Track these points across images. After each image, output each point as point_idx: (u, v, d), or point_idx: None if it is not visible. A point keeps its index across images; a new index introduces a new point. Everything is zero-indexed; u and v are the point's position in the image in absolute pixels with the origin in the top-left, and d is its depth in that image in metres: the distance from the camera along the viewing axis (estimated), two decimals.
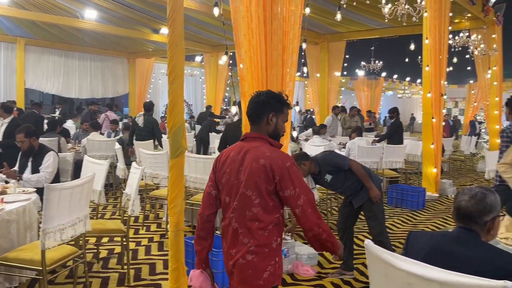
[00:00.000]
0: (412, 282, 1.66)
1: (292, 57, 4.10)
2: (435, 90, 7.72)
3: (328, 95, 13.22)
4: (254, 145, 2.11)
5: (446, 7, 7.63)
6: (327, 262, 4.53)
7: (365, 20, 10.49)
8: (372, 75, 21.01)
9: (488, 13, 9.73)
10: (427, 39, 7.48)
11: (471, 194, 1.87)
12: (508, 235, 2.73)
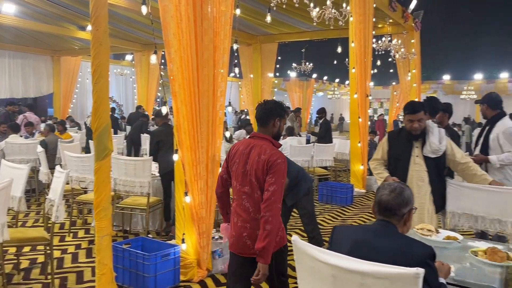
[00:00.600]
0: (336, 274, 1.74)
1: (223, 57, 4.09)
2: (361, 91, 8.11)
3: (262, 95, 13.39)
4: (259, 143, 2.63)
5: (370, 13, 8.05)
6: None
7: (295, 22, 10.76)
8: (303, 77, 21.62)
9: (407, 19, 10.42)
10: (353, 43, 7.86)
11: (391, 188, 2.01)
12: (424, 226, 2.95)
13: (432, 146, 3.50)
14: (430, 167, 3.53)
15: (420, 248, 1.82)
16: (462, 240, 2.84)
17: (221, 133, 4.13)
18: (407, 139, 3.60)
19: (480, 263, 2.47)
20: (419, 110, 3.51)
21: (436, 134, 3.54)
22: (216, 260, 4.18)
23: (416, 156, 3.57)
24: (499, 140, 4.21)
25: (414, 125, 3.49)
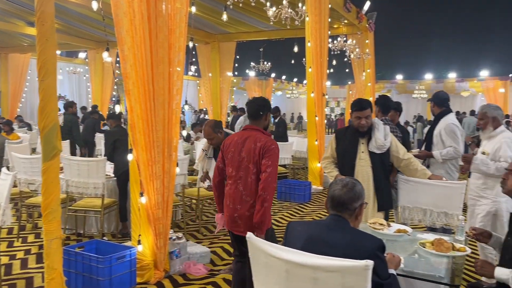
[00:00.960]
0: (289, 269, 1.76)
1: (179, 55, 4.04)
2: (317, 90, 8.26)
3: (221, 94, 13.36)
4: (253, 134, 3.06)
5: (325, 13, 8.21)
6: (219, 259, 4.58)
7: (253, 21, 10.80)
8: (262, 76, 21.76)
9: (361, 20, 10.71)
10: (309, 42, 7.98)
11: (343, 183, 2.06)
12: (376, 220, 3.04)
13: (378, 142, 3.57)
14: (375, 163, 3.59)
15: (370, 241, 1.88)
16: (412, 232, 2.96)
17: (178, 132, 4.07)
18: (353, 135, 3.67)
19: (427, 254, 2.58)
20: (366, 107, 3.59)
21: (382, 131, 3.63)
22: (174, 261, 4.13)
23: (362, 152, 3.64)
24: (441, 136, 4.42)
25: (362, 122, 3.56)
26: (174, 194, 5.05)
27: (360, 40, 11.39)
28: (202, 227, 5.68)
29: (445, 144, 4.42)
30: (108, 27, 3.95)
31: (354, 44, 10.72)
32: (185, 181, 5.59)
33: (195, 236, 5.38)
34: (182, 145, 7.66)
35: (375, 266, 1.70)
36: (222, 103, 13.23)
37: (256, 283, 1.95)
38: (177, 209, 5.68)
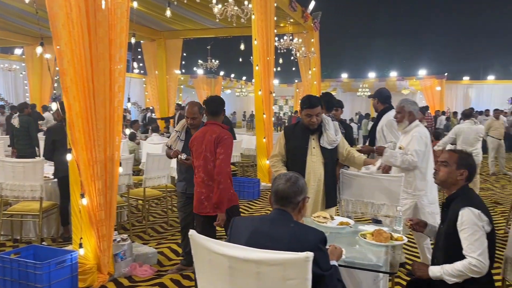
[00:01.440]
0: (233, 265, 1.76)
1: (120, 51, 3.91)
2: (265, 88, 8.33)
3: (168, 92, 13.14)
4: (211, 128, 3.50)
5: (271, 12, 8.29)
6: (167, 260, 4.50)
7: (199, 19, 10.71)
8: (211, 74, 21.64)
9: (307, 19, 10.93)
10: (256, 40, 8.02)
11: (287, 178, 2.09)
12: (320, 214, 3.12)
13: (330, 137, 3.59)
14: (327, 158, 3.60)
15: (312, 234, 1.92)
16: (354, 224, 3.06)
17: (120, 130, 3.95)
18: (303, 132, 3.65)
19: (368, 245, 2.67)
20: (316, 104, 3.56)
21: (332, 126, 3.66)
22: (118, 263, 4.00)
23: (313, 147, 3.63)
24: (383, 131, 4.60)
25: (313, 119, 3.53)
26: (118, 195, 4.90)
27: (306, 39, 11.62)
28: (149, 228, 5.56)
29: (386, 139, 4.60)
30: (43, 20, 3.74)
31: (300, 43, 10.92)
32: (130, 182, 5.44)
33: (142, 237, 5.25)
34: (127, 144, 7.45)
35: (317, 258, 1.74)
36: (170, 101, 13.02)
37: (199, 280, 1.94)
38: (122, 210, 5.51)
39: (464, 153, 2.64)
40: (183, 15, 10.21)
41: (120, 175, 4.28)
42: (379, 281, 2.51)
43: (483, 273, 2.30)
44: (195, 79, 22.18)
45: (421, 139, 3.78)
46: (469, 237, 2.32)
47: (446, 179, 2.59)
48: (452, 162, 2.57)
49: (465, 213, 2.36)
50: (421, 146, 3.75)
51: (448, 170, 2.57)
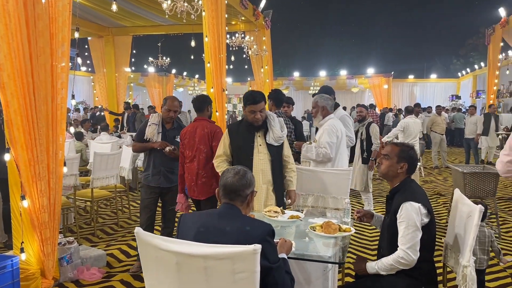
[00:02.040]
0: (180, 261, 1.73)
1: (63, 46, 3.74)
2: (217, 85, 8.26)
3: (117, 91, 12.77)
4: (201, 123, 3.97)
5: (222, 9, 8.24)
6: (117, 262, 4.37)
7: (149, 15, 10.47)
8: (162, 72, 21.23)
9: (258, 17, 10.97)
10: (207, 37, 7.95)
11: (235, 171, 2.09)
12: (271, 208, 3.14)
13: (276, 134, 3.52)
14: (273, 155, 3.53)
15: (260, 227, 1.92)
16: (304, 218, 3.11)
17: (64, 129, 3.78)
18: (248, 129, 3.54)
19: (317, 237, 2.72)
20: (260, 100, 3.45)
21: (277, 123, 3.59)
22: (64, 267, 3.84)
23: (259, 145, 3.54)
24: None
25: (257, 116, 3.43)
26: (64, 196, 4.71)
27: (257, 37, 11.67)
28: (98, 230, 5.38)
29: None
30: None
31: (252, 40, 10.95)
32: (76, 182, 5.23)
33: (90, 239, 5.07)
34: (74, 144, 7.16)
35: (264, 251, 1.74)
36: (119, 99, 12.65)
37: (146, 279, 1.89)
38: (69, 212, 5.30)
39: (405, 146, 2.70)
40: (131, 11, 9.94)
41: (66, 176, 4.11)
42: (328, 271, 2.57)
43: (411, 265, 2.41)
44: (146, 77, 21.67)
45: (332, 131, 3.97)
46: (403, 230, 2.43)
47: (387, 172, 2.68)
48: (393, 155, 2.65)
49: (405, 206, 2.45)
50: (332, 138, 3.94)
51: (389, 163, 2.66)
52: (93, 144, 7.40)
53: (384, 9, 39.06)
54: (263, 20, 11.58)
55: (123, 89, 13.08)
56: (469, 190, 5.25)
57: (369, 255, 4.52)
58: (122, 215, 6.13)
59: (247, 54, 11.79)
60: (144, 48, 17.14)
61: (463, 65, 28.05)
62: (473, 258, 2.41)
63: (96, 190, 5.32)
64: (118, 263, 4.33)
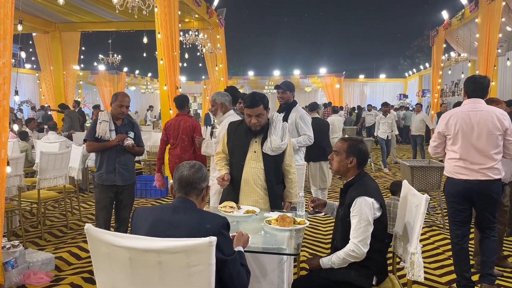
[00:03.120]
0: (133, 256, 1.69)
1: (5, 40, 3.54)
2: (170, 83, 8.14)
3: (66, 89, 12.28)
4: (183, 118, 5.04)
5: (175, 5, 8.12)
6: (66, 265, 4.20)
7: (98, 11, 10.14)
8: (114, 70, 20.62)
9: (212, 15, 10.92)
10: (160, 34, 7.81)
11: (190, 165, 2.07)
12: (226, 204, 3.13)
13: (273, 144, 3.17)
14: (268, 165, 3.18)
15: (215, 219, 1.91)
16: (259, 212, 3.12)
17: (7, 126, 3.58)
18: (246, 132, 3.21)
19: (273, 230, 2.75)
20: (257, 104, 3.08)
21: (279, 130, 3.22)
22: (9, 272, 3.64)
23: (254, 151, 3.20)
24: (297, 125, 4.80)
25: (253, 120, 3.11)
26: (7, 199, 4.46)
27: (211, 35, 11.61)
28: (46, 233, 5.14)
29: (300, 132, 4.81)
30: None
31: (205, 38, 10.87)
32: (21, 183, 4.97)
33: (37, 243, 4.84)
34: (18, 144, 6.80)
35: (219, 243, 1.74)
36: (67, 98, 12.16)
37: (97, 276, 1.83)
38: (13, 215, 5.03)
39: (353, 141, 2.71)
40: (79, 6, 9.58)
41: (9, 176, 3.89)
42: (283, 263, 2.60)
43: (361, 258, 2.48)
44: (96, 75, 20.96)
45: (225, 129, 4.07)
46: (355, 224, 2.49)
47: (339, 168, 2.73)
48: (342, 151, 2.69)
49: (358, 201, 2.50)
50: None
51: (338, 159, 2.71)
52: (39, 144, 7.06)
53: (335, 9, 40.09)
54: (216, 18, 11.53)
55: (71, 87, 12.59)
56: (416, 183, 5.49)
57: (324, 248, 4.62)
58: (72, 216, 5.90)
59: (201, 52, 11.72)
60: (93, 45, 16.53)
61: (409, 65, 29.31)
62: (420, 245, 2.53)
63: (44, 191, 5.09)
64: (67, 266, 4.16)
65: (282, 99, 4.96)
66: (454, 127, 3.43)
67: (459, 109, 3.52)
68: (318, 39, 40.33)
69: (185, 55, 10.86)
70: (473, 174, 3.37)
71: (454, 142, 3.45)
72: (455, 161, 3.46)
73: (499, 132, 3.35)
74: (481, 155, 3.35)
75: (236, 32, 30.61)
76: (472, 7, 10.82)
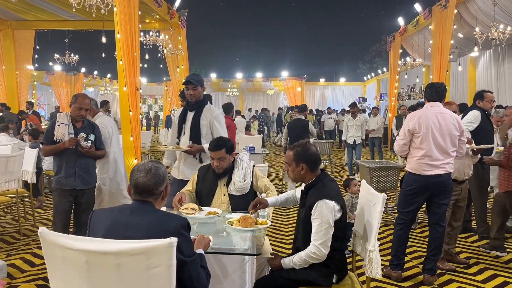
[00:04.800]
0: (89, 259, 1.64)
1: None
2: (130, 84, 7.96)
3: (19, 90, 11.76)
4: (226, 120, 4.53)
5: (135, 5, 7.96)
6: (19, 272, 4.02)
7: (54, 9, 9.80)
8: (71, 71, 19.97)
9: (173, 16, 10.80)
10: (119, 34, 7.64)
11: (146, 169, 1.98)
12: (188, 206, 3.10)
13: (236, 185, 3.28)
14: (236, 205, 3.26)
15: (174, 220, 1.88)
16: (221, 213, 3.11)
17: None
18: (214, 175, 3.31)
19: (235, 231, 2.75)
20: (219, 148, 3.21)
21: (243, 170, 3.33)
22: None
23: (223, 194, 3.32)
24: (211, 126, 4.06)
25: (215, 163, 3.22)
26: None
27: (173, 36, 11.48)
28: None
29: (215, 135, 4.03)
30: None
31: (167, 39, 10.74)
32: None
33: None
34: None
35: (179, 244, 1.71)
36: (21, 99, 11.66)
37: (52, 282, 1.76)
38: None
39: (297, 147, 2.71)
40: (33, 4, 9.22)
41: None
42: (245, 264, 2.60)
43: (322, 259, 2.53)
44: (52, 75, 20.22)
45: (104, 128, 4.35)
46: (316, 227, 2.52)
47: (294, 177, 2.76)
48: (290, 161, 2.72)
49: (319, 204, 2.53)
50: (105, 134, 4.32)
51: (291, 169, 2.74)
52: None
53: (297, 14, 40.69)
54: (178, 19, 11.42)
55: (25, 88, 12.08)
56: (374, 183, 5.65)
57: (285, 249, 4.66)
58: (25, 222, 5.64)
59: (162, 53, 11.55)
60: (49, 45, 15.96)
61: (368, 69, 30.16)
62: (378, 242, 2.60)
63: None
64: (20, 274, 3.97)
65: (193, 97, 3.93)
66: (424, 126, 3.71)
67: (425, 110, 3.83)
68: (280, 43, 40.79)
69: (146, 56, 10.67)
70: (435, 170, 3.70)
71: (422, 141, 3.73)
72: (420, 158, 3.75)
73: (458, 133, 3.74)
74: (443, 153, 3.71)
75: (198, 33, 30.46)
76: (426, 14, 11.28)
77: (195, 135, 3.94)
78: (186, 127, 4.02)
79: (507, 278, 3.94)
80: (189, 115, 4.02)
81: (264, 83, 24.83)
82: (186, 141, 3.99)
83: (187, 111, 4.04)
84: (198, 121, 3.96)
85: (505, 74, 11.77)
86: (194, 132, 3.95)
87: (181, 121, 4.06)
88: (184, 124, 4.03)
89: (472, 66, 13.48)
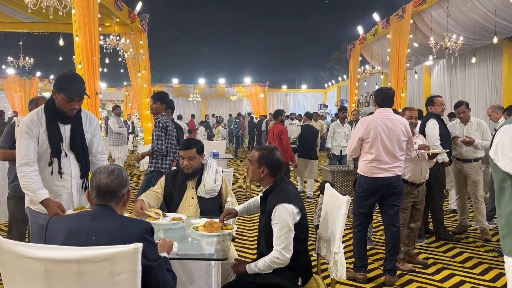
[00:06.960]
0: (48, 268, 1.57)
1: None
2: (90, 89, 7.72)
3: None
4: (276, 125, 7.54)
5: (95, 8, 7.76)
6: None
7: (8, 10, 9.39)
8: (25, 74, 19.16)
9: (134, 20, 10.61)
10: (77, 37, 7.42)
11: (108, 170, 1.93)
12: (152, 210, 3.03)
13: (207, 186, 3.30)
14: (204, 207, 3.29)
15: (137, 225, 1.83)
16: (186, 219, 3.06)
17: None
18: (183, 177, 3.34)
19: (200, 236, 2.71)
20: (190, 147, 3.27)
21: (213, 172, 3.36)
22: None
23: (191, 197, 3.32)
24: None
25: (185, 162, 3.25)
26: None
27: (134, 40, 11.27)
28: None
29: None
30: None
31: (128, 43, 10.53)
32: None
33: None
34: None
35: (143, 249, 1.66)
36: None
37: None
38: None
39: (264, 150, 2.74)
40: None
41: None
42: (211, 269, 2.56)
43: (285, 263, 2.54)
44: (4, 79, 19.31)
45: None
46: (277, 231, 2.53)
47: (253, 177, 2.77)
48: (254, 161, 2.73)
49: (278, 209, 2.54)
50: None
51: (252, 168, 2.74)
52: None
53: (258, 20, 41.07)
54: (139, 23, 11.24)
55: None
56: (337, 187, 5.75)
57: (250, 254, 4.65)
58: None
59: (123, 58, 11.31)
60: (2, 47, 15.27)
61: (329, 77, 30.76)
62: (342, 245, 2.64)
63: None
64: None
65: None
66: (373, 132, 3.86)
67: (374, 116, 3.97)
68: (243, 49, 40.95)
69: (106, 60, 10.41)
70: (384, 173, 3.86)
71: (371, 146, 3.88)
72: (370, 162, 3.90)
73: (405, 138, 3.92)
74: (391, 157, 3.87)
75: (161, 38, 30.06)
76: (384, 24, 11.67)
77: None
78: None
79: (463, 277, 4.11)
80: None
81: (227, 89, 24.80)
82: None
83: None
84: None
85: (458, 82, 12.33)
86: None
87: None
88: None
89: (427, 74, 14.05)
